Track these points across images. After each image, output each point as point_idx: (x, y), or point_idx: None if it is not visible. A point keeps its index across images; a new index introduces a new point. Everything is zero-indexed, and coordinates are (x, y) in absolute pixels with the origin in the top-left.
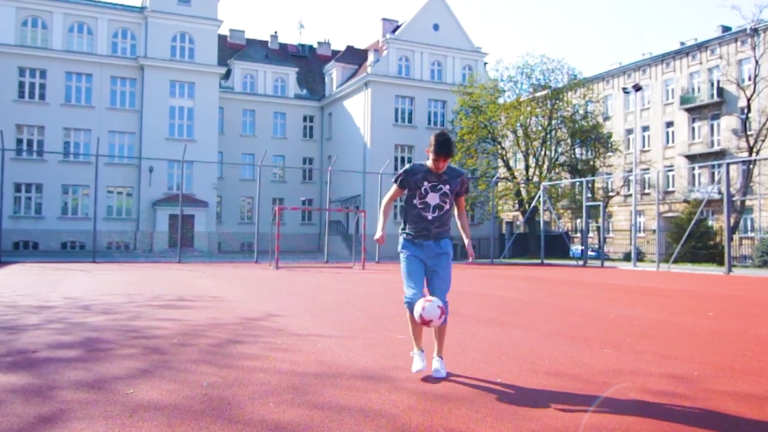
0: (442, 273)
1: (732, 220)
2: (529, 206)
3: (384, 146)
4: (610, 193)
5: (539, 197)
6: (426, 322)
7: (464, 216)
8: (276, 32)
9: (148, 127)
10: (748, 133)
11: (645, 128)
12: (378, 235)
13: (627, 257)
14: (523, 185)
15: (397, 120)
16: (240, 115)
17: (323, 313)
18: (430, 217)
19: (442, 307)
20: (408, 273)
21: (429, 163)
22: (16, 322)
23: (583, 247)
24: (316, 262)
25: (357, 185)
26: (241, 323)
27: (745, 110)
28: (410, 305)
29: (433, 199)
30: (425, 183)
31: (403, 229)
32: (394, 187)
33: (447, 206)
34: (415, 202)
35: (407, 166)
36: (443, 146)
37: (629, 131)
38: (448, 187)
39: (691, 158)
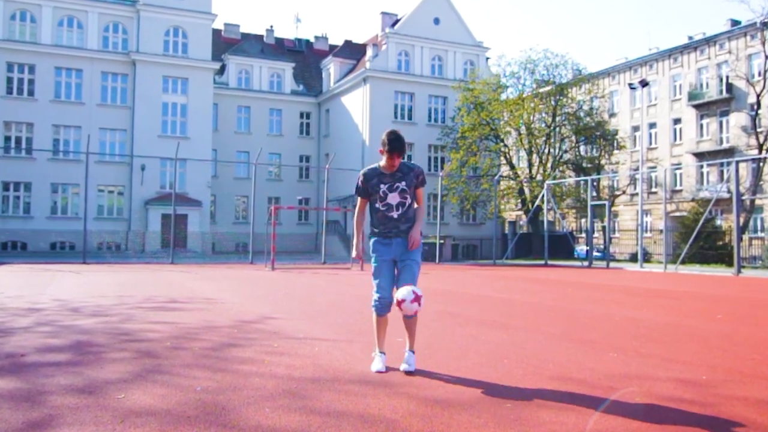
0: (413, 266)
1: (741, 220)
2: (532, 205)
3: None
4: (616, 192)
5: (543, 196)
6: (399, 303)
7: (420, 208)
8: (272, 26)
9: (140, 124)
10: (758, 130)
11: (652, 125)
12: (354, 252)
13: (633, 258)
14: (526, 184)
15: (396, 116)
16: (235, 111)
17: (320, 316)
18: (395, 216)
19: (418, 294)
20: (378, 276)
21: (382, 163)
22: (4, 325)
23: (588, 248)
24: (313, 263)
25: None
26: (235, 326)
27: (755, 106)
28: (377, 308)
29: (393, 198)
30: (381, 186)
31: (373, 230)
32: (359, 199)
33: (408, 201)
34: (377, 205)
35: (360, 174)
36: (395, 143)
37: (635, 128)
38: (404, 183)
39: (700, 156)
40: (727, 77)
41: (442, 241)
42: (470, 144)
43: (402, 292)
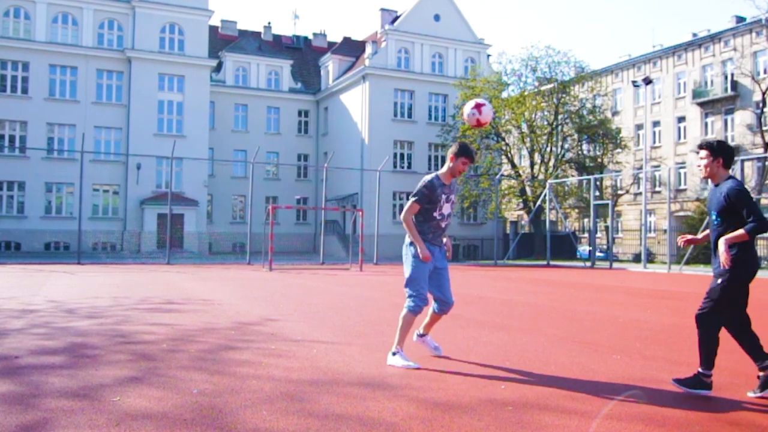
0: (446, 273)
1: None
2: (534, 205)
3: (382, 142)
4: (619, 192)
5: (545, 196)
6: (482, 124)
7: None
8: (269, 23)
9: (136, 122)
10: (764, 128)
11: (656, 123)
12: (422, 254)
13: (637, 258)
14: (528, 183)
15: (396, 115)
16: (232, 109)
17: (318, 317)
18: (443, 225)
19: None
20: (421, 280)
21: (443, 171)
22: None
23: (590, 248)
24: (312, 263)
25: (354, 183)
26: (233, 328)
27: (761, 104)
28: (416, 309)
29: (447, 209)
30: (443, 196)
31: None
32: (415, 204)
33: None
34: (435, 214)
35: (426, 182)
36: (472, 151)
37: (639, 126)
38: (453, 195)
39: None
40: (732, 75)
41: None
42: (471, 142)
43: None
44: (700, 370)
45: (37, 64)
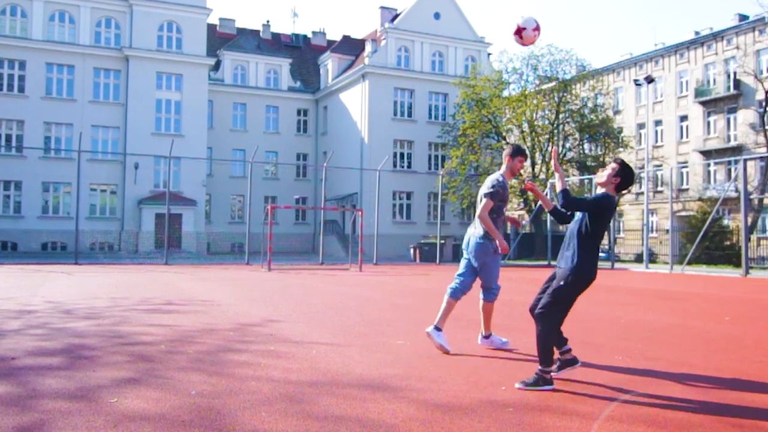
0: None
1: (749, 220)
2: (535, 205)
3: (382, 141)
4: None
5: (546, 195)
6: (520, 30)
7: None
8: (268, 21)
9: (133, 121)
10: (767, 127)
11: (657, 122)
12: (503, 245)
13: (639, 258)
14: (529, 182)
15: (396, 114)
16: (230, 108)
17: (318, 318)
18: (501, 221)
19: (538, 24)
20: (496, 272)
21: (504, 172)
22: None
23: None
24: (311, 263)
25: (354, 183)
26: (231, 328)
27: (764, 103)
28: (493, 298)
29: (506, 206)
30: (507, 193)
31: (487, 235)
32: (490, 201)
33: None
34: (504, 209)
35: (500, 181)
36: (525, 149)
37: (641, 125)
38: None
39: (707, 154)
40: (735, 73)
41: (442, 241)
42: (471, 142)
43: (527, 21)
44: (540, 368)
45: (33, 63)
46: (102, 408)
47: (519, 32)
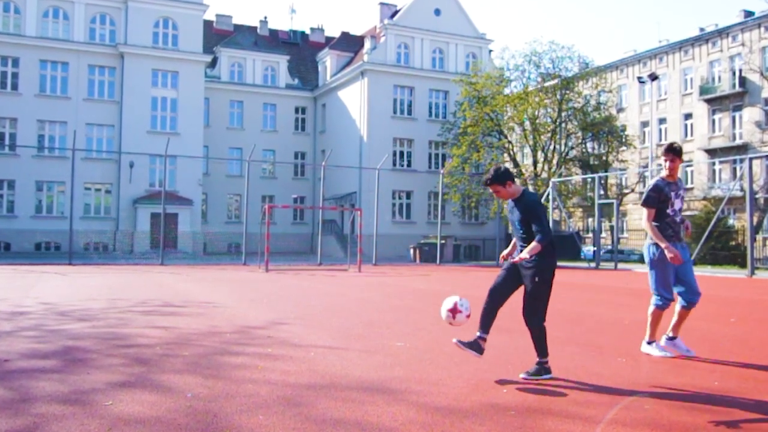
0: (690, 266)
1: (755, 219)
2: None
3: (382, 140)
4: (625, 190)
5: (548, 195)
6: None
7: None
8: (265, 17)
9: (129, 119)
10: None
11: (662, 120)
12: (672, 253)
13: (642, 259)
14: (530, 182)
15: (395, 111)
16: (227, 106)
17: (316, 320)
18: (678, 220)
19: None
20: (666, 278)
21: (664, 173)
22: None
23: (595, 248)
24: (309, 264)
25: (353, 182)
26: (228, 331)
27: None
28: (665, 304)
29: (677, 204)
30: (671, 193)
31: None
32: (647, 208)
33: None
34: (668, 211)
35: (652, 186)
36: (671, 147)
37: (645, 124)
38: (682, 190)
39: (711, 153)
40: (740, 70)
41: (443, 241)
42: (472, 140)
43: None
44: (539, 359)
45: (27, 60)
46: (96, 411)
47: (454, 312)
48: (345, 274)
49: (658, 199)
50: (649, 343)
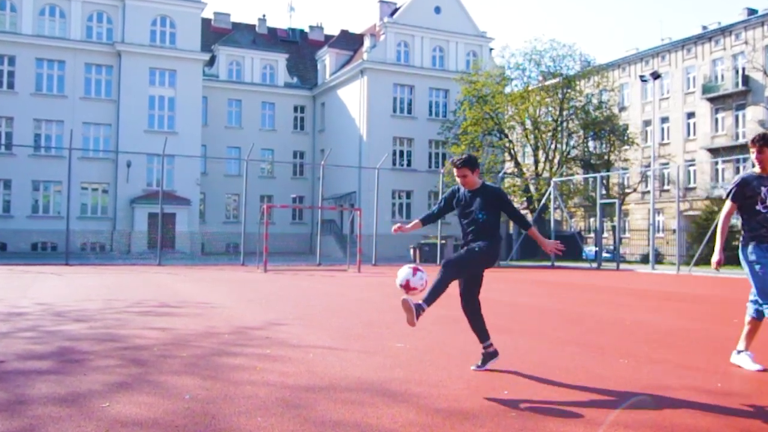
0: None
1: None
2: (538, 204)
3: (381, 139)
4: (627, 190)
5: (549, 194)
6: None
7: None
8: (264, 15)
9: (126, 118)
10: None
11: (664, 119)
12: (717, 257)
13: (645, 259)
14: (532, 181)
15: (395, 110)
16: (225, 105)
17: (315, 320)
18: None
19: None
20: (756, 280)
21: (756, 170)
22: None
23: (597, 249)
24: (308, 264)
25: (352, 181)
26: (226, 331)
27: None
28: (761, 314)
29: None
30: (762, 188)
31: (751, 235)
32: (728, 202)
33: None
34: (758, 207)
35: (737, 180)
36: (757, 137)
37: (647, 123)
38: None
39: (714, 152)
40: (744, 69)
41: (443, 242)
42: (473, 139)
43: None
44: (483, 346)
45: (23, 58)
46: (93, 413)
47: (407, 288)
48: (344, 275)
49: (743, 194)
50: (739, 352)
